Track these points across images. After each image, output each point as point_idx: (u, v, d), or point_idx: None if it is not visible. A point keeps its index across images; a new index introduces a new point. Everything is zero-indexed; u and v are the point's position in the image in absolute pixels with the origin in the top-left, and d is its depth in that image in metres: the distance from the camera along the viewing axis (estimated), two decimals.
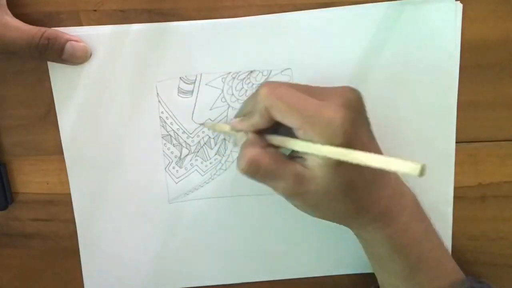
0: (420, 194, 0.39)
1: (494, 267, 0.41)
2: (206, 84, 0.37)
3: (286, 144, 0.31)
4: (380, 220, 0.33)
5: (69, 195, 0.38)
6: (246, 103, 0.35)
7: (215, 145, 0.38)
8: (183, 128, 0.37)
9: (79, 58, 0.35)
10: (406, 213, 0.34)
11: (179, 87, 0.37)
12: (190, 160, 0.38)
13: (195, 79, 0.37)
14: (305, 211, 0.33)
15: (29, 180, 0.39)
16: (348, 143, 0.28)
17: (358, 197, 0.32)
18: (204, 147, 0.38)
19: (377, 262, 0.36)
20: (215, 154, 0.38)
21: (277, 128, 0.32)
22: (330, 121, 0.28)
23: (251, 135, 0.32)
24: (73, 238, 0.39)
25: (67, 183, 0.38)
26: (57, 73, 0.36)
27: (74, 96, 0.36)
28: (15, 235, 0.40)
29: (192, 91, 0.37)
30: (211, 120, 0.37)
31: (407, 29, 0.36)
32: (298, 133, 0.30)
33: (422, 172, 0.23)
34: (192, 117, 0.37)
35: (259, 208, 0.39)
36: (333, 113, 0.28)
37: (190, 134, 0.38)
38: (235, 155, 0.38)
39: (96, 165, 0.38)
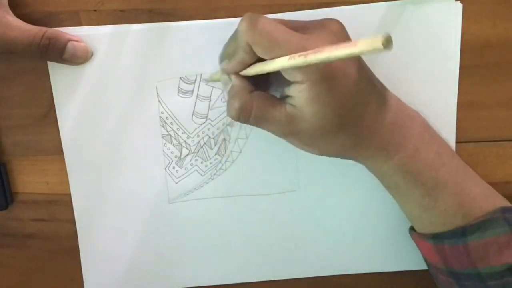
0: None
1: None
2: (206, 84, 0.37)
3: (259, 69, 0.30)
4: (385, 149, 0.32)
5: (69, 195, 0.38)
6: (228, 43, 0.33)
7: (215, 145, 0.38)
8: (183, 128, 0.37)
9: (80, 58, 0.35)
10: (414, 138, 0.33)
11: (179, 87, 0.37)
12: (190, 160, 0.38)
13: (195, 79, 0.37)
14: (305, 150, 0.33)
15: (29, 180, 0.39)
16: (333, 75, 0.28)
17: (355, 129, 0.31)
18: (204, 147, 0.38)
19: (395, 193, 0.35)
20: (215, 154, 0.38)
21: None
22: None
23: (235, 80, 0.32)
24: (73, 238, 0.39)
25: (67, 183, 0.38)
26: (57, 73, 0.36)
27: (74, 96, 0.36)
28: (15, 235, 0.40)
29: (192, 91, 0.37)
30: (210, 120, 0.37)
31: (407, 29, 0.36)
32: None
33: (387, 43, 0.22)
34: (192, 117, 0.37)
35: (259, 208, 0.39)
36: (317, 47, 0.28)
37: (190, 134, 0.38)
38: (235, 155, 0.38)
39: (96, 165, 0.38)
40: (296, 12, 0.35)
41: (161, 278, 0.40)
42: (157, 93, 0.37)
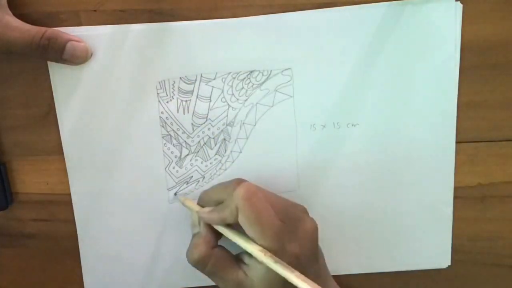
0: (420, 194, 0.39)
1: (494, 267, 0.41)
2: (206, 84, 0.37)
3: (237, 241, 0.32)
4: None
5: (69, 195, 0.38)
6: (217, 190, 0.36)
7: (215, 145, 0.38)
8: (183, 128, 0.37)
9: (79, 58, 0.35)
10: None
11: (179, 87, 0.37)
12: (190, 160, 0.38)
13: (195, 79, 0.37)
14: None
15: (29, 180, 0.39)
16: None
17: None
18: (204, 147, 0.38)
19: None
20: (215, 154, 0.38)
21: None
22: (286, 253, 0.31)
23: (203, 231, 0.34)
24: (73, 238, 0.39)
25: (67, 183, 0.38)
26: (57, 73, 0.36)
27: (74, 96, 0.36)
28: (15, 235, 0.40)
29: (192, 91, 0.37)
30: (210, 120, 0.37)
31: (407, 29, 0.36)
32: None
33: None
34: (192, 117, 0.37)
35: None
36: (290, 241, 0.31)
37: (190, 134, 0.38)
38: (235, 155, 0.38)
39: (96, 165, 0.38)
40: (296, 12, 0.35)
41: (161, 278, 0.40)
42: (157, 93, 0.37)
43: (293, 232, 0.32)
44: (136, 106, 0.37)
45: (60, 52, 0.34)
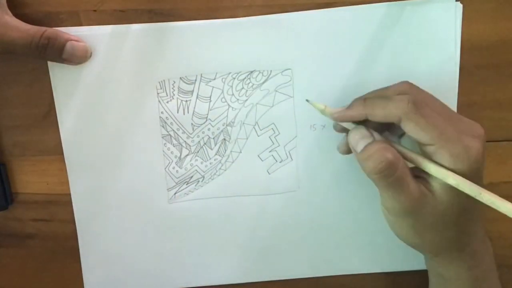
0: None
1: None
2: (206, 84, 0.37)
3: (421, 164, 0.30)
4: (473, 258, 0.33)
5: (69, 195, 0.38)
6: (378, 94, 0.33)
7: (215, 145, 0.38)
8: (183, 128, 0.37)
9: (79, 57, 0.35)
10: (489, 256, 0.35)
11: (179, 87, 0.37)
12: (190, 160, 0.38)
13: (195, 79, 0.37)
14: (407, 236, 0.33)
15: (29, 180, 0.39)
16: (475, 173, 0.30)
17: (464, 227, 0.32)
18: (204, 147, 0.38)
19: None
20: (215, 154, 0.38)
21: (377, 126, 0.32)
22: (468, 148, 0.30)
23: (380, 137, 0.31)
24: (73, 238, 0.39)
25: (67, 183, 0.38)
26: (57, 73, 0.36)
27: (74, 96, 0.36)
28: (15, 235, 0.40)
29: (192, 91, 0.37)
30: (210, 120, 0.37)
31: (407, 29, 0.36)
32: (427, 148, 0.30)
33: None
34: (192, 117, 0.37)
35: (259, 208, 0.39)
36: (472, 142, 0.30)
37: (190, 134, 0.38)
38: (235, 155, 0.38)
39: (96, 165, 0.38)
40: (296, 12, 0.35)
41: (161, 278, 0.40)
42: (157, 93, 0.37)
43: (469, 131, 0.31)
44: (136, 106, 0.37)
45: (60, 52, 0.34)
